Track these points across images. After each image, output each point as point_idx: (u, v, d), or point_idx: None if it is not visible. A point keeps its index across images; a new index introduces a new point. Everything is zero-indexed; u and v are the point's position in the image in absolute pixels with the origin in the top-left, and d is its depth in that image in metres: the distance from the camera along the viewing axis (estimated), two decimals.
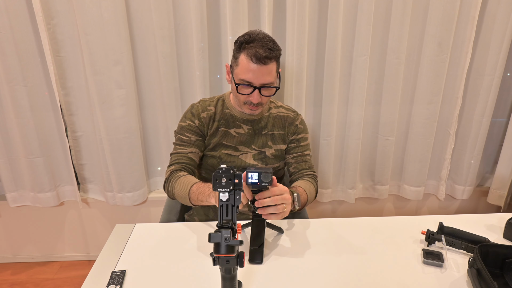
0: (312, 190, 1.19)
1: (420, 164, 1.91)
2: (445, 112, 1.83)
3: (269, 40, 1.07)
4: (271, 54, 1.05)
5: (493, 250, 0.89)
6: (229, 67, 1.16)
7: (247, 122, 1.23)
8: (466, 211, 2.13)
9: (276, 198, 0.89)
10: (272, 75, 1.09)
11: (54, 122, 1.71)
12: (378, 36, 1.68)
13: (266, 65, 1.05)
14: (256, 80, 1.07)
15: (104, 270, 0.90)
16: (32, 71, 1.60)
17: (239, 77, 1.09)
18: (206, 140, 1.22)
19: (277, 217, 0.91)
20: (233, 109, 1.23)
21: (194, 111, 1.22)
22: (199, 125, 1.21)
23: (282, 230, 1.06)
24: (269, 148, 1.25)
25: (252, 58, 1.04)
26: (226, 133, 1.22)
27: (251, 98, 1.11)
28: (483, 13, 1.66)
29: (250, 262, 0.91)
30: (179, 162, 1.18)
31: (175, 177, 1.13)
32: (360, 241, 1.03)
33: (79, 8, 1.47)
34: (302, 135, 1.28)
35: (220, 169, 0.72)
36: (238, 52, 1.09)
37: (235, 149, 1.22)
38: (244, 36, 1.08)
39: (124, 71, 1.59)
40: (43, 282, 1.88)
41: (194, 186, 1.04)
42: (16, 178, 1.79)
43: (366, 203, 2.09)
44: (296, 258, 0.95)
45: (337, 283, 0.86)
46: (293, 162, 1.27)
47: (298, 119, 1.28)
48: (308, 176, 1.24)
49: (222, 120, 1.22)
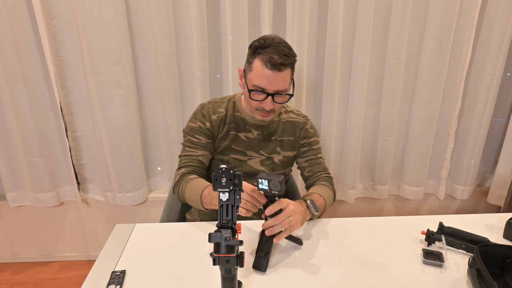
0: (328, 193, 1.16)
1: (420, 164, 1.91)
2: (445, 112, 1.83)
3: (284, 45, 1.04)
4: (286, 60, 1.02)
5: (493, 250, 0.89)
6: (242, 71, 1.13)
7: (257, 127, 1.21)
8: (466, 211, 2.13)
9: (280, 217, 0.88)
10: (286, 82, 1.06)
11: (54, 122, 1.71)
12: (378, 36, 1.68)
13: (281, 71, 1.02)
14: (270, 87, 1.04)
15: (104, 270, 0.89)
16: (32, 71, 1.60)
17: (252, 83, 1.06)
18: (216, 143, 1.20)
19: (286, 233, 0.90)
20: (244, 112, 1.20)
21: (205, 112, 1.19)
22: (210, 127, 1.18)
23: (301, 241, 1.00)
24: (277, 155, 1.23)
25: (267, 64, 1.01)
26: (236, 137, 1.20)
27: (263, 104, 1.07)
28: (483, 13, 1.66)
29: (253, 268, 0.89)
30: (189, 165, 1.17)
31: (185, 181, 1.11)
32: (360, 241, 1.03)
33: (79, 8, 1.47)
34: (314, 139, 1.26)
35: (220, 169, 0.71)
36: (253, 57, 1.05)
37: (244, 153, 1.21)
38: (259, 40, 1.05)
39: (124, 71, 1.59)
40: (43, 282, 1.88)
41: (205, 190, 1.03)
42: (16, 178, 1.79)
43: (366, 203, 2.09)
44: (295, 258, 0.95)
45: (337, 283, 0.86)
46: (306, 166, 1.25)
47: (308, 124, 1.27)
48: (323, 179, 1.22)
49: (233, 123, 1.20)
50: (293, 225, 0.90)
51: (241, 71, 1.14)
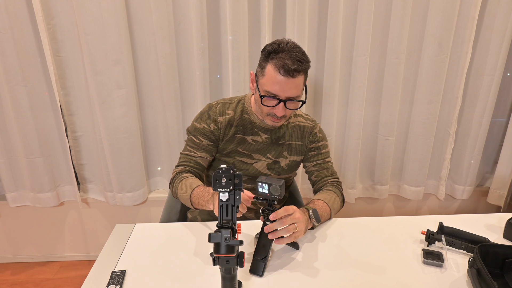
0: (334, 199, 1.13)
1: (420, 164, 1.90)
2: (445, 112, 1.83)
3: (298, 51, 1.01)
4: (300, 66, 0.99)
5: (493, 250, 0.89)
6: (254, 76, 1.10)
7: (265, 130, 1.19)
8: (466, 211, 2.13)
9: (285, 220, 0.87)
10: (299, 88, 1.04)
11: (54, 122, 1.71)
12: (378, 36, 1.68)
13: (294, 78, 0.99)
14: (283, 93, 1.02)
15: (104, 270, 0.90)
16: (32, 71, 1.60)
17: (264, 88, 1.03)
18: (221, 145, 1.19)
19: (290, 239, 0.89)
20: (253, 115, 1.18)
21: (212, 114, 1.18)
22: (214, 130, 1.17)
23: (297, 245, 0.99)
24: (284, 159, 1.22)
25: (280, 70, 0.98)
26: (243, 140, 1.19)
27: (275, 110, 1.05)
28: (483, 13, 1.66)
29: (250, 272, 0.89)
30: (186, 164, 1.17)
31: (179, 178, 1.12)
32: (360, 241, 1.03)
33: (79, 8, 1.47)
34: (322, 143, 1.25)
35: (220, 169, 0.71)
36: (265, 62, 1.02)
37: (250, 156, 1.20)
38: (272, 45, 1.02)
39: (124, 71, 1.59)
40: (43, 282, 1.88)
41: (195, 189, 1.04)
42: (16, 178, 1.79)
43: (366, 203, 2.09)
44: (295, 258, 0.95)
45: (337, 283, 0.86)
46: (314, 170, 1.23)
47: (316, 128, 1.25)
48: (330, 184, 1.19)
49: (240, 126, 1.18)
50: (297, 232, 0.90)
51: (253, 75, 1.11)
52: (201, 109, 1.22)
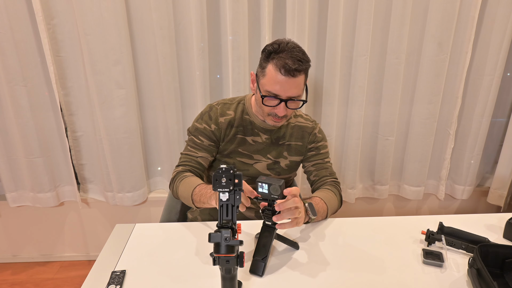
0: (332, 198, 1.13)
1: (420, 164, 1.90)
2: (445, 112, 1.83)
3: (299, 50, 1.01)
4: (300, 66, 1.00)
5: (493, 250, 0.89)
6: (255, 76, 1.10)
7: (266, 131, 1.20)
8: (466, 211, 2.13)
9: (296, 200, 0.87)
10: (300, 88, 1.04)
11: (54, 122, 1.71)
12: (378, 36, 1.68)
13: (295, 77, 1.00)
14: (284, 93, 1.02)
15: (104, 270, 0.89)
16: (32, 71, 1.60)
17: (265, 88, 1.04)
18: (221, 146, 1.20)
19: (291, 224, 0.89)
20: (253, 115, 1.19)
21: (212, 114, 1.18)
22: (215, 130, 1.17)
23: (297, 245, 0.99)
24: (284, 159, 1.23)
25: (281, 70, 0.99)
26: (243, 141, 1.19)
27: (276, 110, 1.06)
28: (483, 13, 1.66)
29: (250, 272, 0.89)
30: (187, 164, 1.17)
31: (179, 178, 1.12)
32: (360, 241, 1.03)
33: (79, 8, 1.47)
34: (322, 143, 1.25)
35: (220, 169, 0.71)
36: (266, 62, 1.03)
37: (250, 157, 1.21)
38: (273, 45, 1.02)
39: (124, 71, 1.59)
40: (43, 282, 1.88)
41: (197, 188, 1.04)
42: (16, 178, 1.79)
43: (366, 203, 2.09)
44: (295, 258, 0.95)
45: (337, 283, 0.86)
46: (313, 170, 1.23)
47: (316, 128, 1.25)
48: (329, 184, 1.19)
49: (241, 126, 1.19)
50: (299, 217, 0.90)
51: (253, 75, 1.11)
52: (202, 110, 1.23)
